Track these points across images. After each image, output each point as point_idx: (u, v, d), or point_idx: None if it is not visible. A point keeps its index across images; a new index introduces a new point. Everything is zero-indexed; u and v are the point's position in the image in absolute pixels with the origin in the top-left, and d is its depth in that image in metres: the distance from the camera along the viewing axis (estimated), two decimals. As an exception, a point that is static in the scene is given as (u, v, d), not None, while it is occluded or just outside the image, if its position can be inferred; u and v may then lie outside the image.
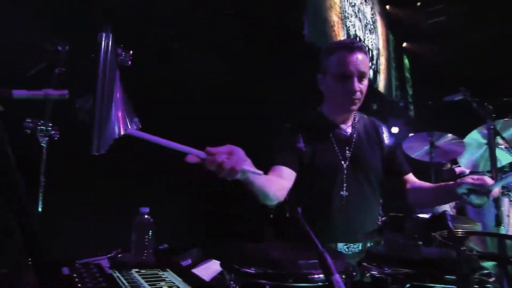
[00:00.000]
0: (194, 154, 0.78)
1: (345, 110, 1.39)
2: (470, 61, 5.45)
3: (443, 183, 1.30)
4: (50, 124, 1.28)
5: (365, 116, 1.54)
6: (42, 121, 1.24)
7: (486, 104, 1.85)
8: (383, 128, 1.53)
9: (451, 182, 1.21)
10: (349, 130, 1.44)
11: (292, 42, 4.24)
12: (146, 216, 1.28)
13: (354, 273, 0.69)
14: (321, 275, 0.61)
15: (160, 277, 1.02)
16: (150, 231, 1.24)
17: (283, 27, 4.24)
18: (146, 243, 1.26)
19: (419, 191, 1.42)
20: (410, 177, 1.48)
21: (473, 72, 5.10)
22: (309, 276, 0.62)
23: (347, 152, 1.39)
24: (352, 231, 1.34)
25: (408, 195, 1.44)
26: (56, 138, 1.31)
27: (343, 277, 0.65)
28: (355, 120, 1.47)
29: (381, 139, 1.48)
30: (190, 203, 2.95)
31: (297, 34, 4.33)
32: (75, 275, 0.87)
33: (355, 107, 1.37)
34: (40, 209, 1.28)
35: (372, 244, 1.36)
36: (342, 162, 1.37)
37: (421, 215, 1.58)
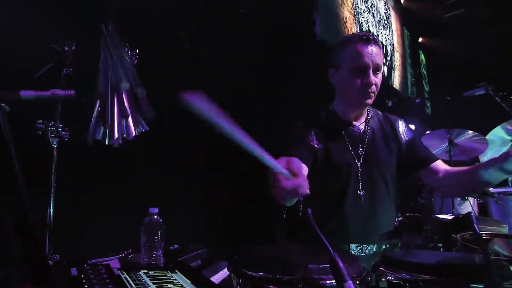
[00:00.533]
0: (278, 171, 0.64)
1: (359, 104, 1.34)
2: (490, 56, 5.22)
3: (485, 161, 1.19)
4: (61, 125, 1.29)
5: (380, 112, 1.48)
6: (52, 122, 1.25)
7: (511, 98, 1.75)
8: (399, 122, 1.44)
9: (498, 156, 1.08)
10: (362, 127, 1.39)
11: (304, 40, 4.17)
12: (155, 217, 1.27)
13: (369, 278, 0.65)
14: (333, 281, 0.57)
15: (169, 279, 1.01)
16: (160, 232, 1.23)
17: (294, 25, 4.19)
18: (156, 243, 1.25)
19: (456, 175, 1.28)
20: (440, 164, 1.36)
21: (494, 67, 4.89)
22: (321, 282, 0.58)
23: (360, 149, 1.33)
24: (366, 232, 1.28)
25: (442, 183, 1.31)
26: (66, 139, 1.32)
27: (357, 282, 0.61)
28: (368, 117, 1.41)
29: (397, 135, 1.40)
30: (202, 203, 2.95)
31: (309, 31, 4.26)
32: (82, 275, 0.87)
33: (369, 101, 1.31)
34: (52, 210, 1.29)
35: (387, 246, 1.30)
36: (356, 160, 1.32)
37: (441, 216, 1.50)
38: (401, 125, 1.43)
